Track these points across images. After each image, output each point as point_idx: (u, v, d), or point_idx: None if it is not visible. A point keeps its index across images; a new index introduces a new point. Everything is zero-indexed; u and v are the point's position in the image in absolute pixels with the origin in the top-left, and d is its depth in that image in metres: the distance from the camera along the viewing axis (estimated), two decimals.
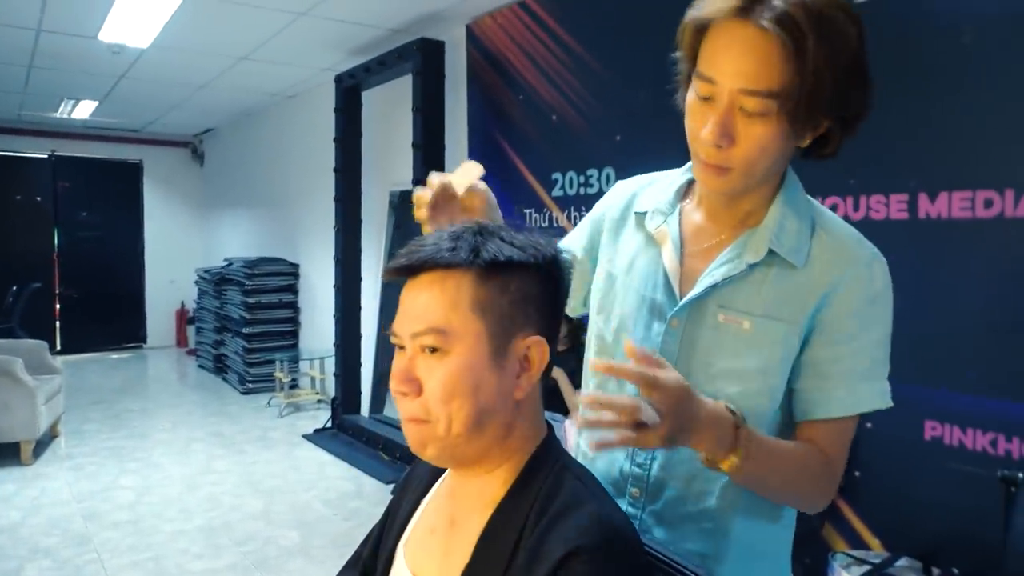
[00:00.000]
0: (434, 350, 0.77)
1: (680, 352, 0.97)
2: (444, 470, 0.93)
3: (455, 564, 0.79)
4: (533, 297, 0.80)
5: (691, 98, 0.92)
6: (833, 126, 0.90)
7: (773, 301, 0.94)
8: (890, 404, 0.94)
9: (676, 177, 1.07)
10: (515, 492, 0.80)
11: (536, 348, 0.80)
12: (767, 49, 0.83)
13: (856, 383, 0.93)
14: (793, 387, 0.96)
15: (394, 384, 0.79)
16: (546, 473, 0.80)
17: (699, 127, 0.90)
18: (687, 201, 1.05)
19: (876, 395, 0.94)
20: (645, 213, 1.06)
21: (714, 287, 0.95)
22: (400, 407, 0.80)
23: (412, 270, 0.80)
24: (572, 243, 1.19)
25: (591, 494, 0.79)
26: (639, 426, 0.77)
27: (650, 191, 1.09)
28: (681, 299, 0.97)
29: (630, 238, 1.08)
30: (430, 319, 0.77)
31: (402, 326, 0.80)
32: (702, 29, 0.88)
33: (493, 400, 0.78)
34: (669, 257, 1.00)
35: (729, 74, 0.85)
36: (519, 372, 0.80)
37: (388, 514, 1.00)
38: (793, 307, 0.93)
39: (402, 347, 0.81)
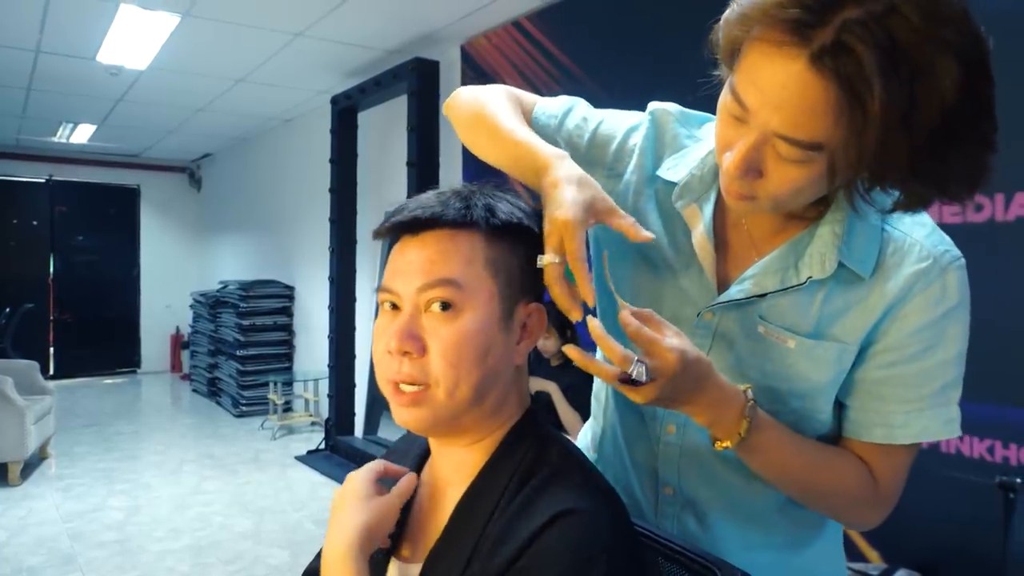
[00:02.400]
0: (445, 307, 0.71)
1: (713, 348, 0.86)
2: (425, 454, 0.90)
3: (429, 538, 0.77)
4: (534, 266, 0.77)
5: (722, 102, 0.74)
6: (916, 188, 0.72)
7: (827, 318, 0.80)
8: (958, 433, 0.80)
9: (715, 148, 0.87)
10: (493, 465, 0.77)
11: (537, 315, 0.78)
12: (816, 95, 0.65)
13: (918, 410, 0.79)
14: (842, 401, 0.84)
15: (393, 343, 0.72)
16: (528, 444, 0.77)
17: (724, 143, 0.75)
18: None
19: (940, 424, 0.80)
20: (671, 183, 0.89)
21: (760, 295, 0.82)
22: (390, 369, 0.73)
23: (419, 225, 0.74)
24: (557, 116, 0.98)
25: (579, 464, 0.77)
26: (624, 383, 0.72)
27: (683, 156, 0.91)
28: (718, 293, 0.86)
29: (641, 195, 0.92)
30: (442, 271, 0.72)
31: (402, 281, 0.74)
32: (746, 28, 0.68)
33: (499, 367, 0.74)
34: (702, 246, 0.87)
35: (766, 110, 0.68)
36: (519, 339, 0.77)
37: None
38: (851, 324, 0.80)
39: (395, 306, 0.75)
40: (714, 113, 0.78)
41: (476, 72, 4.21)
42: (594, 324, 0.73)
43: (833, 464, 0.83)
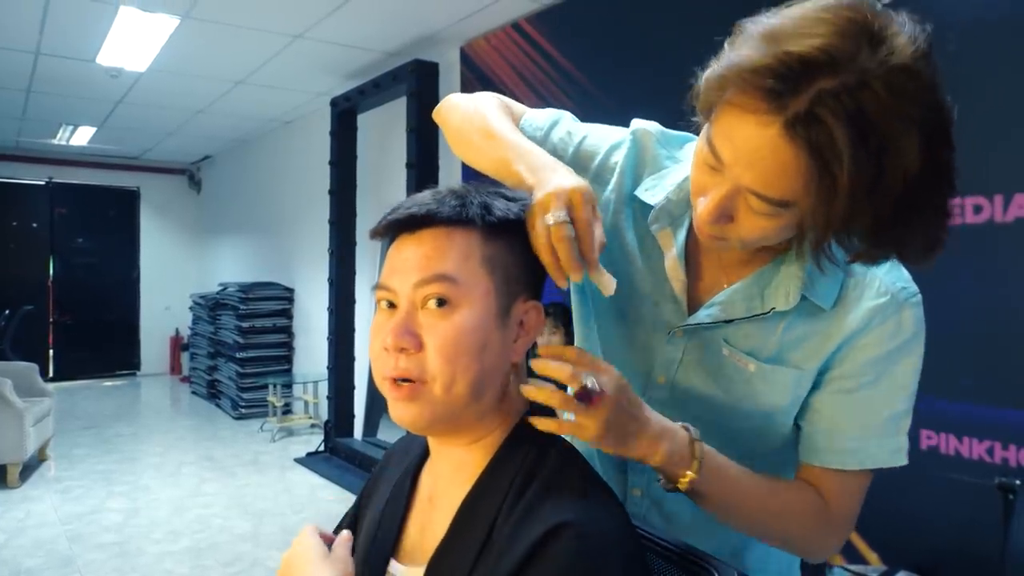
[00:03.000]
0: (441, 303, 0.71)
1: (681, 364, 0.90)
2: (423, 458, 0.89)
3: (430, 540, 0.76)
4: (532, 261, 0.77)
5: (698, 150, 0.77)
6: (875, 251, 0.75)
7: (788, 345, 0.84)
8: (904, 462, 0.84)
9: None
10: (495, 467, 0.76)
11: (534, 312, 0.77)
12: (788, 160, 0.67)
13: (867, 438, 0.83)
14: (798, 423, 0.88)
15: (389, 339, 0.72)
16: (529, 446, 0.76)
17: (698, 187, 0.77)
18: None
19: (888, 453, 0.83)
20: (648, 205, 0.92)
21: (726, 321, 0.86)
22: (387, 366, 0.73)
23: (415, 223, 0.74)
24: (544, 128, 1.00)
25: (579, 468, 0.76)
26: (582, 401, 0.72)
27: (662, 178, 0.93)
28: (688, 314, 0.89)
29: (619, 214, 0.95)
30: (438, 267, 0.72)
31: (399, 278, 0.73)
32: (723, 88, 0.70)
33: (496, 363, 0.74)
34: (674, 269, 0.90)
35: (739, 167, 0.71)
36: (516, 336, 0.77)
37: (363, 495, 0.96)
38: (809, 352, 0.84)
39: (392, 305, 0.75)
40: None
41: (475, 74, 4.21)
42: (537, 362, 0.76)
43: (783, 491, 0.85)
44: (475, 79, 4.21)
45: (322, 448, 5.31)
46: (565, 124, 1.00)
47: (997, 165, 2.07)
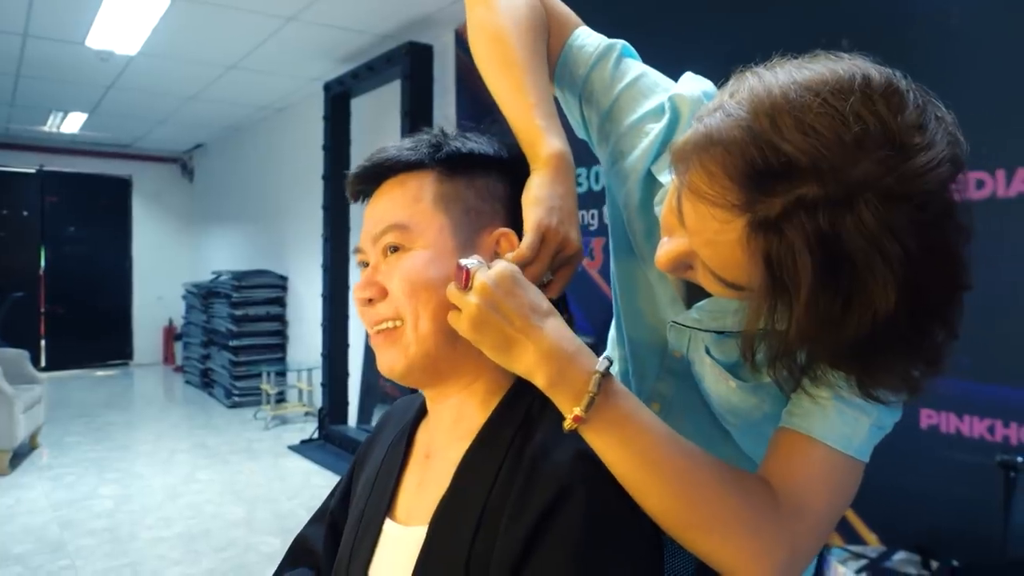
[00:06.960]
0: (395, 249, 0.72)
1: (691, 345, 0.82)
2: (419, 418, 0.86)
3: (428, 498, 0.72)
4: (500, 195, 0.76)
5: (670, 193, 0.67)
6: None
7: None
8: (851, 451, 0.68)
9: None
10: (495, 420, 0.72)
11: (506, 239, 0.74)
12: (743, 262, 0.59)
13: (822, 403, 0.67)
14: None
15: (356, 294, 0.74)
16: (532, 398, 0.72)
17: (664, 224, 0.69)
18: None
19: (838, 422, 0.67)
20: (660, 182, 0.81)
21: (717, 332, 0.78)
22: (366, 319, 0.75)
23: (372, 172, 0.76)
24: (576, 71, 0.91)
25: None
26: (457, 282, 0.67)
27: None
28: (687, 305, 0.81)
29: (636, 185, 0.85)
30: (389, 218, 0.73)
31: (364, 237, 0.76)
32: (699, 152, 0.60)
33: None
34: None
35: (696, 240, 0.63)
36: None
37: (357, 461, 0.93)
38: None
39: (367, 264, 0.76)
40: None
41: (470, 56, 4.16)
42: None
43: (721, 465, 0.67)
44: (470, 61, 4.16)
45: (316, 435, 5.28)
46: (611, 59, 0.92)
47: (999, 139, 2.04)
